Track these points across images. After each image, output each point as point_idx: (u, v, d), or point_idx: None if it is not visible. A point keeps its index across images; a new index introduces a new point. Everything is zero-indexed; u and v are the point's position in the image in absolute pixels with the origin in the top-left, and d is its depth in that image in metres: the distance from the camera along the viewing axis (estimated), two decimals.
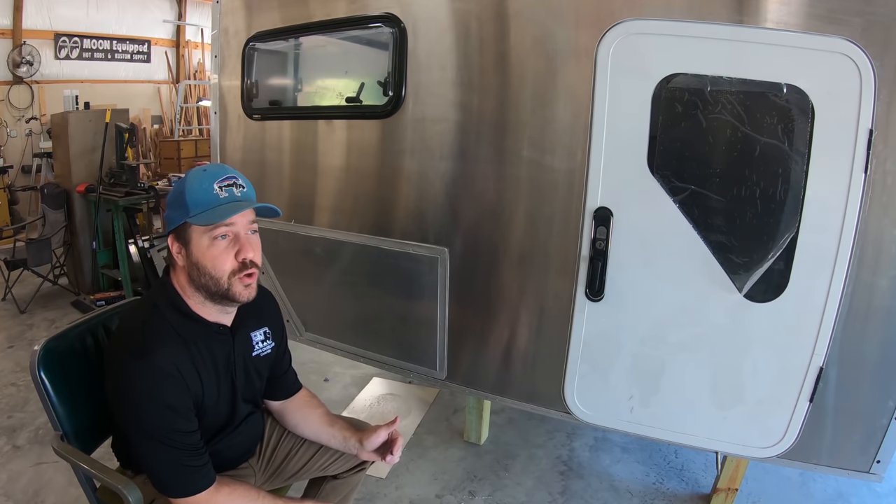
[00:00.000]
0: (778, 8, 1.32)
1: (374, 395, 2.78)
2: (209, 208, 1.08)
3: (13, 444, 2.31)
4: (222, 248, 1.09)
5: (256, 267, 1.14)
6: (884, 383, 1.45)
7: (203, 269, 1.09)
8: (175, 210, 1.10)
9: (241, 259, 1.10)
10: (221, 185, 1.10)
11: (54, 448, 1.24)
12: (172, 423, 1.07)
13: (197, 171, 1.14)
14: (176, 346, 1.10)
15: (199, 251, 1.09)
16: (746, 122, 1.38)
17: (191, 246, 1.10)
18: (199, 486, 1.10)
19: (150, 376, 1.05)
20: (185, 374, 1.09)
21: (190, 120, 7.80)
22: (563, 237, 1.62)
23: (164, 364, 1.06)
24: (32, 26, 6.05)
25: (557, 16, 1.51)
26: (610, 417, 1.74)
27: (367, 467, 1.52)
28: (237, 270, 1.10)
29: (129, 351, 1.08)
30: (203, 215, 1.08)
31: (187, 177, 1.13)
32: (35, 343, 1.25)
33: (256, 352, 1.29)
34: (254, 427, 1.36)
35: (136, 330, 1.12)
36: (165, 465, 1.09)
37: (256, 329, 1.29)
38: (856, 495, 2.08)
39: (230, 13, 2.10)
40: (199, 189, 1.09)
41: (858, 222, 1.34)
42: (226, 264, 1.10)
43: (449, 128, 1.72)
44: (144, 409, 1.06)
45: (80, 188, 3.75)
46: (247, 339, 1.27)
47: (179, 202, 1.10)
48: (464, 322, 1.88)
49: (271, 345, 1.33)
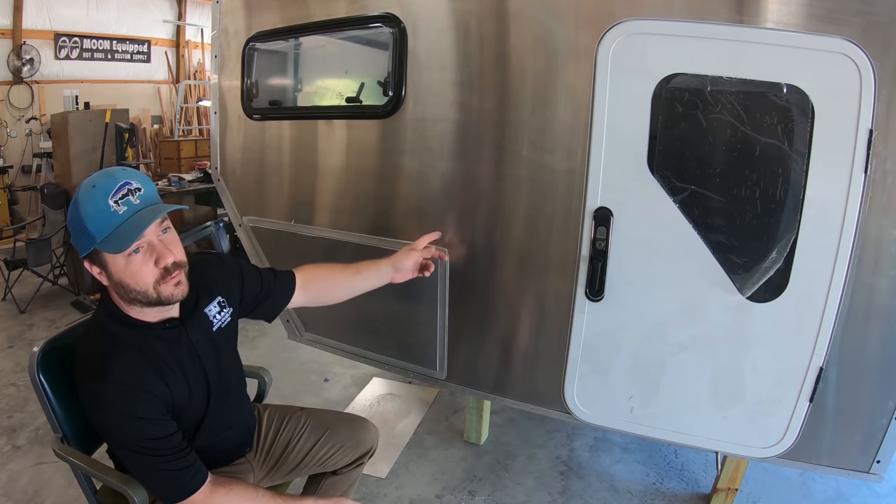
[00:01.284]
0: (778, 8, 1.32)
1: (374, 395, 2.78)
2: (112, 230, 1.02)
3: (13, 444, 2.31)
4: (139, 262, 1.06)
5: (181, 267, 1.11)
6: (884, 383, 1.45)
7: (128, 287, 1.07)
8: (80, 237, 1.06)
9: (163, 266, 1.07)
10: (117, 200, 1.03)
11: (55, 451, 1.24)
12: (146, 432, 1.07)
13: (87, 191, 1.05)
14: (132, 359, 1.08)
15: (118, 271, 1.06)
16: (746, 122, 1.38)
17: (108, 267, 1.07)
18: (190, 486, 1.10)
19: (113, 395, 1.05)
20: (149, 382, 1.09)
21: (190, 120, 7.80)
22: (563, 237, 1.62)
23: (124, 378, 1.06)
24: (32, 26, 6.05)
25: (557, 15, 1.51)
26: (610, 417, 1.74)
27: (366, 461, 1.54)
28: (161, 278, 1.08)
29: (89, 375, 1.08)
30: (109, 240, 1.03)
31: (79, 199, 1.05)
32: (34, 344, 1.25)
33: (217, 325, 1.26)
34: (241, 415, 1.35)
35: (90, 354, 1.11)
36: (152, 473, 1.09)
37: (209, 303, 1.26)
38: (856, 495, 2.08)
39: (230, 13, 2.10)
40: (96, 211, 1.03)
41: (858, 222, 1.34)
42: (147, 277, 1.07)
43: (449, 128, 1.72)
44: (117, 427, 1.07)
45: None
46: (202, 319, 1.24)
47: (80, 229, 1.04)
48: (464, 322, 1.88)
49: (230, 311, 1.30)
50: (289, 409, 1.52)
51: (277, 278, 1.44)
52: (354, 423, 1.56)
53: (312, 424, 1.48)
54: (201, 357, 1.21)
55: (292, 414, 1.50)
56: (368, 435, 1.53)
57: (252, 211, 2.19)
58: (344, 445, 1.47)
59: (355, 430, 1.52)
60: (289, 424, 1.47)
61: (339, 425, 1.51)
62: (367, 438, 1.52)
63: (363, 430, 1.53)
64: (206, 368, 1.22)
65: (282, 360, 3.09)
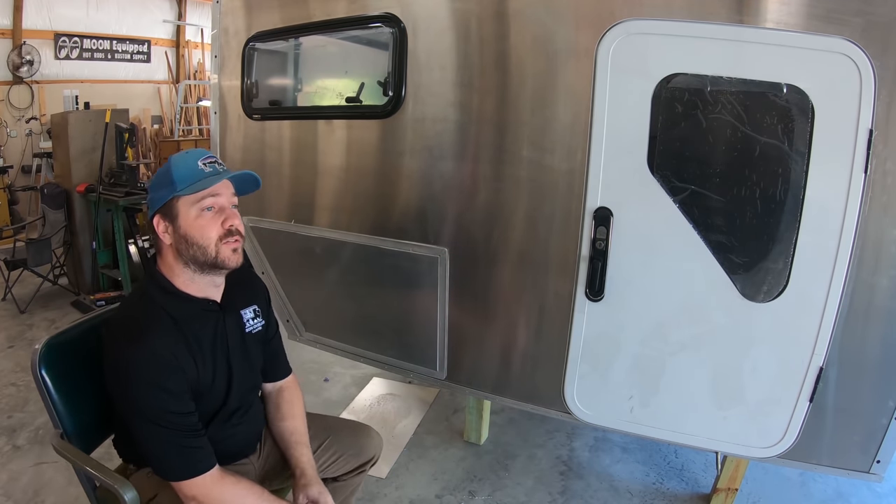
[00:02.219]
0: (778, 8, 1.32)
1: (374, 395, 2.78)
2: (196, 181, 1.14)
3: (13, 444, 2.31)
4: (209, 217, 1.16)
5: (241, 236, 1.21)
6: (884, 383, 1.45)
7: (192, 240, 1.15)
8: (160, 190, 1.16)
9: (228, 226, 1.17)
10: (205, 162, 1.17)
11: (54, 446, 1.25)
12: (168, 405, 1.10)
13: (180, 154, 1.22)
14: (170, 330, 1.13)
15: (188, 223, 1.15)
16: (746, 122, 1.38)
17: (178, 220, 1.15)
18: (199, 467, 1.12)
19: (145, 360, 1.08)
20: (180, 357, 1.13)
21: (190, 120, 7.80)
22: (563, 237, 1.62)
23: (159, 348, 1.09)
24: (32, 26, 6.04)
25: (557, 15, 1.51)
26: (610, 417, 1.74)
27: (368, 469, 1.52)
28: (224, 236, 1.17)
29: (125, 337, 1.11)
30: (191, 187, 1.14)
31: (171, 160, 1.20)
32: (36, 342, 1.25)
33: (249, 328, 1.32)
34: (254, 417, 1.36)
35: (131, 317, 1.17)
36: (164, 446, 1.11)
37: (246, 307, 1.33)
38: (856, 495, 2.08)
39: (230, 13, 2.10)
40: (185, 166, 1.16)
41: (858, 222, 1.34)
42: (213, 231, 1.16)
43: (449, 128, 1.72)
44: (141, 392, 1.09)
45: (80, 188, 3.76)
46: (238, 317, 1.30)
47: (165, 181, 1.16)
48: (464, 322, 1.88)
49: (262, 322, 1.36)
50: None
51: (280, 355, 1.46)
52: (358, 430, 1.53)
53: (314, 430, 1.45)
54: (230, 348, 1.25)
55: None
56: (371, 442, 1.51)
57: (252, 211, 2.19)
58: (345, 453, 1.46)
59: (358, 438, 1.50)
60: None
61: (342, 432, 1.49)
62: (370, 446, 1.50)
63: (366, 437, 1.51)
64: (231, 361, 1.26)
65: None
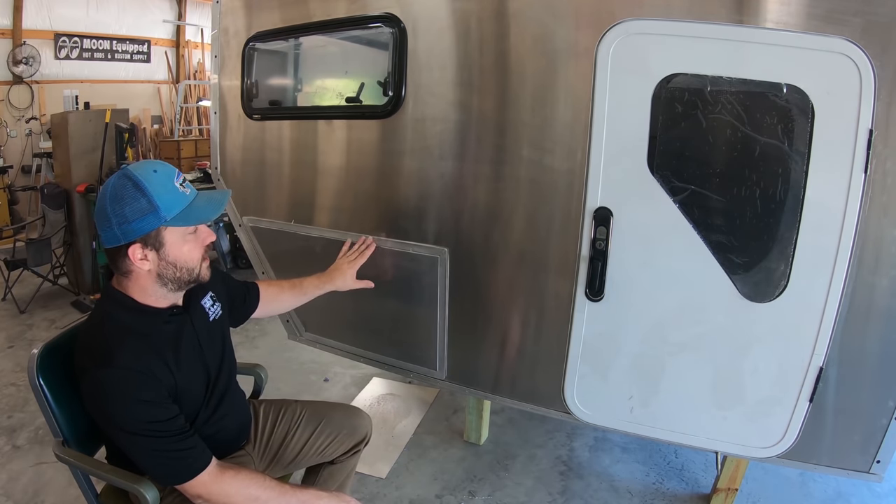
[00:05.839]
0: (778, 8, 1.32)
1: (374, 395, 2.79)
2: (184, 208, 1.12)
3: (13, 444, 2.31)
4: (193, 240, 1.17)
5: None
6: (884, 383, 1.45)
7: (181, 265, 1.16)
8: (139, 219, 1.08)
9: (208, 244, 1.20)
10: (181, 183, 1.14)
11: (58, 455, 1.23)
12: (151, 415, 1.09)
13: (149, 175, 1.09)
14: (137, 344, 1.12)
15: (177, 251, 1.14)
16: (746, 123, 1.38)
17: (165, 248, 1.13)
18: (196, 466, 1.12)
19: (116, 377, 1.07)
20: (153, 366, 1.12)
21: (190, 120, 7.80)
22: (563, 237, 1.62)
23: (131, 363, 1.08)
24: (32, 26, 6.05)
25: (557, 15, 1.51)
26: (610, 417, 1.74)
27: (363, 448, 1.60)
28: (203, 256, 1.21)
29: (94, 362, 1.09)
30: (182, 217, 1.12)
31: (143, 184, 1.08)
32: (34, 346, 1.25)
33: (212, 316, 1.34)
34: (236, 405, 1.39)
35: (94, 341, 1.13)
36: (157, 456, 1.11)
37: (203, 296, 1.33)
38: (856, 495, 2.08)
39: (230, 13, 2.10)
40: (166, 192, 1.10)
41: (858, 222, 1.34)
42: (197, 254, 1.18)
43: (449, 128, 1.72)
44: (121, 412, 1.08)
45: (80, 188, 3.76)
46: (200, 309, 1.31)
47: (144, 208, 1.08)
48: (464, 322, 1.88)
49: (219, 305, 1.38)
50: (284, 403, 1.57)
51: (249, 289, 1.57)
52: (348, 411, 1.63)
53: (308, 415, 1.53)
54: (202, 344, 1.27)
55: (287, 406, 1.54)
56: (362, 422, 1.60)
57: (252, 211, 2.19)
58: (340, 434, 1.53)
59: (350, 418, 1.58)
60: (285, 417, 1.51)
61: (333, 414, 1.57)
62: (361, 425, 1.59)
63: (357, 417, 1.60)
64: (205, 356, 1.27)
65: (282, 360, 3.10)
